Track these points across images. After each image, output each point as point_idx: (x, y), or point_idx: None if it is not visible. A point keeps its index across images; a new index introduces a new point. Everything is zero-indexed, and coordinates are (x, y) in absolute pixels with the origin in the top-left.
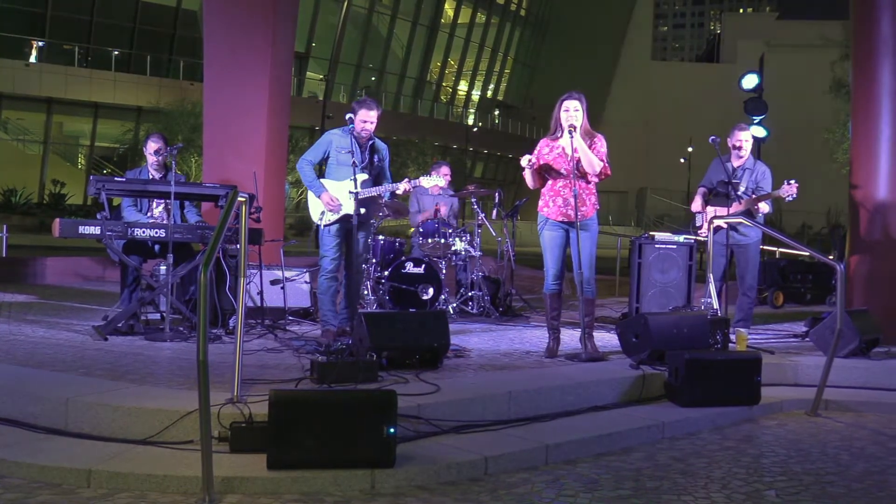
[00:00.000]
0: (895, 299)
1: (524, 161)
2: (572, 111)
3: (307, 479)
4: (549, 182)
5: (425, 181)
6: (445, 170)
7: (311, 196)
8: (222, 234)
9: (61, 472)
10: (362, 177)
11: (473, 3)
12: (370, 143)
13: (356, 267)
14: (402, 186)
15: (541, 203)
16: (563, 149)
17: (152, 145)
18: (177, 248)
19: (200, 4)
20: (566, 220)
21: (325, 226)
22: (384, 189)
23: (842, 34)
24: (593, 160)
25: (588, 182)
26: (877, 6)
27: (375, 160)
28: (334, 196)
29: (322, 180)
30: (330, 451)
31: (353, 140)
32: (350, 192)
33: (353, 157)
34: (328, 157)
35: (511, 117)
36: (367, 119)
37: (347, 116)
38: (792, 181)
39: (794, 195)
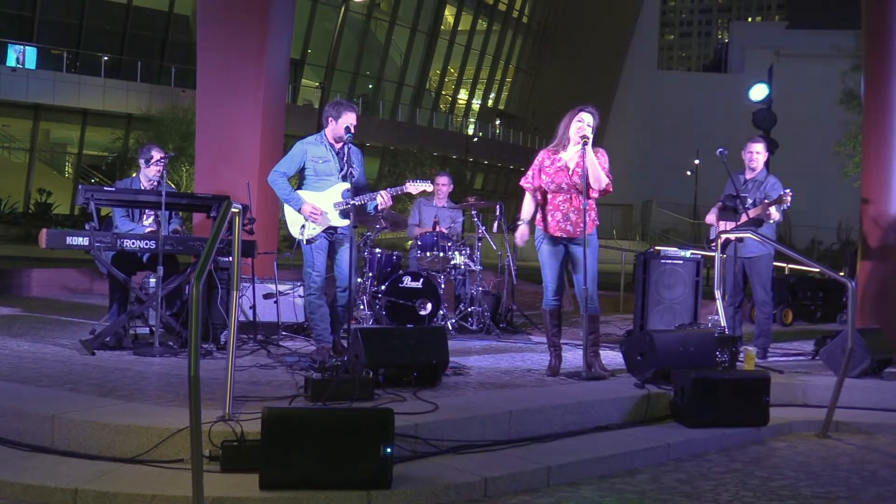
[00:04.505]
0: None
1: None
2: (586, 124)
3: (301, 499)
4: (549, 196)
5: (412, 186)
6: (443, 179)
7: (288, 210)
8: (215, 247)
9: (46, 492)
10: (344, 186)
11: (474, 10)
12: (346, 148)
13: (351, 284)
14: (380, 199)
15: (538, 217)
16: (567, 163)
17: (156, 154)
18: (163, 261)
19: (193, 9)
20: (565, 235)
21: (307, 241)
22: (371, 197)
23: (853, 44)
24: (601, 175)
25: (589, 197)
26: (889, 17)
27: (354, 166)
28: (317, 207)
29: (300, 192)
30: (325, 471)
31: (330, 147)
32: (335, 205)
33: (332, 165)
34: (304, 169)
35: (512, 127)
36: (351, 122)
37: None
38: (787, 189)
39: (788, 204)
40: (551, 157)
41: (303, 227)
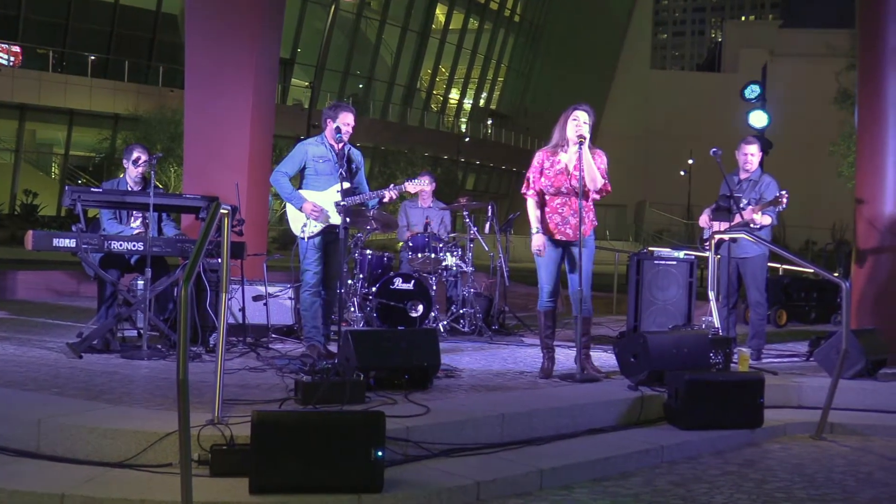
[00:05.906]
0: None
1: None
2: (582, 122)
3: None
4: (546, 198)
5: (411, 186)
6: (426, 179)
7: (290, 209)
8: (203, 248)
9: (33, 498)
10: (343, 185)
11: (465, 9)
12: (346, 150)
13: (342, 281)
14: (388, 194)
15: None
16: (566, 165)
17: (135, 155)
18: (152, 263)
19: (181, 8)
20: (563, 237)
21: (308, 238)
22: (369, 196)
23: (847, 43)
24: (597, 175)
25: (587, 199)
26: (883, 15)
27: (353, 168)
28: (317, 205)
29: (301, 191)
30: (315, 476)
31: (330, 148)
32: (336, 204)
33: (332, 164)
34: (305, 168)
35: (504, 127)
36: (348, 122)
37: (326, 121)
38: (783, 191)
39: (784, 206)
40: (550, 158)
41: (304, 225)
